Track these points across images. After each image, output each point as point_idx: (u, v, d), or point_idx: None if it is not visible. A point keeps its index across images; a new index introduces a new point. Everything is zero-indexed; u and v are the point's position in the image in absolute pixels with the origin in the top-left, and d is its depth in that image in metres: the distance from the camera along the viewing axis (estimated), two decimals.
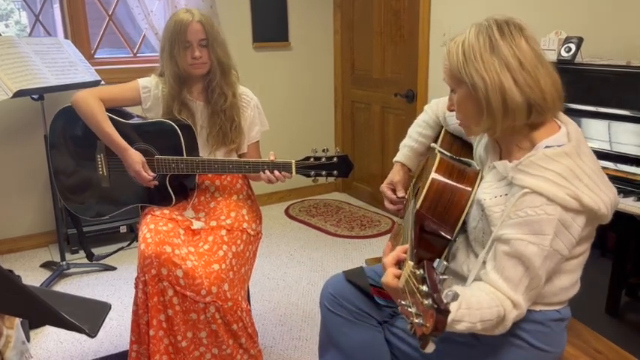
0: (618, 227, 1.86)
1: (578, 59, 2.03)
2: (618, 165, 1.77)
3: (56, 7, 3.44)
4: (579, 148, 1.11)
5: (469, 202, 1.23)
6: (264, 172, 1.78)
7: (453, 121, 1.49)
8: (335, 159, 1.75)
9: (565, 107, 1.98)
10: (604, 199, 1.08)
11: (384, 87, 3.66)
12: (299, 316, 2.47)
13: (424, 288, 0.85)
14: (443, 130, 1.54)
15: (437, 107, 1.57)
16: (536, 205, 1.04)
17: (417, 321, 0.85)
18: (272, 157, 1.77)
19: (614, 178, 1.75)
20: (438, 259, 0.91)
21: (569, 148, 1.09)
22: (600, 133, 1.86)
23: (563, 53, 2.06)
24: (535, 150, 1.12)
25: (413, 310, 0.87)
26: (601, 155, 1.81)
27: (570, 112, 1.95)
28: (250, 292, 2.27)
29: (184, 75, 1.85)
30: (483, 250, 1.15)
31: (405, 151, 1.59)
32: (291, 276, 2.87)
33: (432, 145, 1.44)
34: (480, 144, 1.34)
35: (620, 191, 1.69)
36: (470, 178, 1.26)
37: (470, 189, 1.24)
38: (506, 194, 1.14)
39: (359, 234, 3.45)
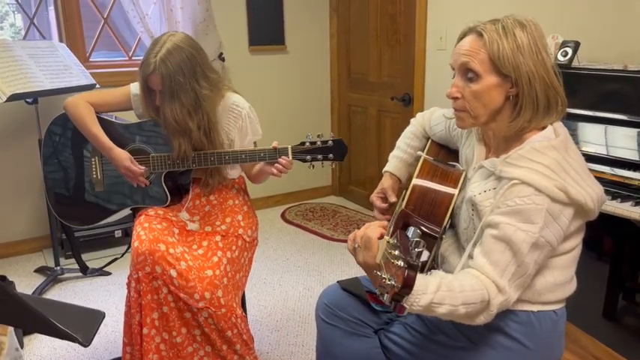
0: (615, 231, 1.86)
1: (574, 63, 2.04)
2: (615, 169, 1.77)
3: (51, 9, 3.43)
4: (567, 144, 1.14)
5: (453, 201, 1.24)
6: (262, 161, 1.77)
7: (438, 129, 1.51)
8: (330, 142, 1.74)
9: None
10: (590, 193, 1.10)
11: (381, 90, 3.66)
12: (295, 321, 2.46)
13: (396, 252, 0.89)
14: (429, 140, 1.56)
15: (423, 119, 1.59)
16: (525, 194, 1.06)
17: (389, 283, 0.88)
18: (275, 144, 1.76)
19: (611, 183, 1.75)
20: (412, 228, 0.93)
21: (557, 142, 1.12)
22: (597, 137, 1.86)
23: (560, 57, 2.06)
24: (523, 145, 1.15)
25: (387, 276, 0.90)
26: (598, 160, 1.82)
27: (567, 116, 1.96)
28: (246, 297, 2.25)
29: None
30: (470, 243, 1.16)
31: (395, 161, 1.61)
32: (288, 281, 2.86)
33: (419, 153, 1.45)
34: (466, 145, 1.35)
35: (617, 196, 1.70)
36: (453, 177, 1.28)
37: (453, 187, 1.26)
38: (494, 188, 1.16)
39: None
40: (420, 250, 0.88)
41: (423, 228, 1.21)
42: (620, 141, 1.80)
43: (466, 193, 1.23)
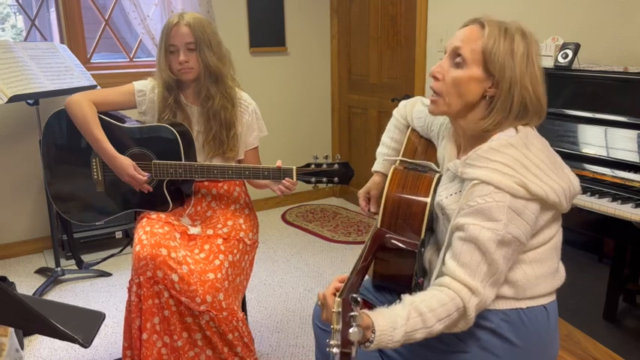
0: (616, 233, 1.86)
1: (575, 65, 2.04)
2: (615, 171, 1.76)
3: (52, 11, 3.43)
4: (527, 139, 1.14)
5: (427, 210, 1.24)
6: (266, 179, 1.78)
7: (419, 124, 1.51)
8: (336, 166, 1.74)
9: (562, 113, 1.99)
10: (554, 187, 1.10)
11: (381, 92, 3.66)
12: (296, 322, 2.46)
13: (338, 327, 0.91)
14: (409, 129, 1.56)
15: (404, 109, 1.59)
16: (485, 193, 1.08)
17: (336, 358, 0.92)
18: (279, 164, 1.76)
19: (612, 185, 1.75)
20: (352, 295, 0.95)
21: (515, 139, 1.13)
22: (597, 139, 1.86)
23: (560, 59, 2.06)
24: (483, 144, 1.16)
25: (335, 350, 0.92)
26: (598, 161, 1.82)
27: (567, 118, 1.96)
28: (247, 299, 2.25)
29: (175, 80, 1.83)
30: (444, 245, 1.16)
31: (381, 159, 1.62)
32: (288, 282, 2.86)
33: (394, 158, 1.46)
34: (441, 146, 1.36)
35: (617, 198, 1.69)
36: (425, 184, 1.28)
37: (425, 195, 1.25)
38: (460, 191, 1.17)
39: (356, 239, 3.44)
40: (356, 330, 0.90)
41: (400, 245, 1.21)
42: (620, 143, 1.80)
43: (436, 197, 1.25)
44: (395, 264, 1.22)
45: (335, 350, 0.91)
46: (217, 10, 3.42)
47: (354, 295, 0.95)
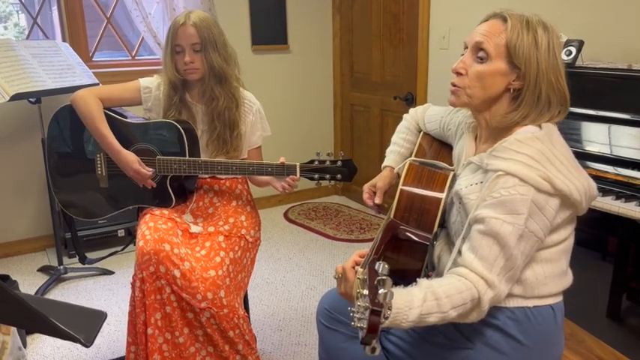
0: (619, 231, 1.85)
1: (578, 62, 2.03)
2: (618, 169, 1.76)
3: (54, 9, 3.44)
4: (551, 136, 1.14)
5: (441, 205, 1.24)
6: (269, 175, 1.78)
7: (432, 127, 1.51)
8: (339, 163, 1.75)
9: None
10: (576, 184, 1.10)
11: (384, 90, 3.65)
12: (298, 321, 2.46)
13: (364, 292, 0.89)
14: (420, 134, 1.57)
15: (416, 114, 1.60)
16: (509, 185, 1.07)
17: (359, 325, 0.89)
18: (282, 160, 1.76)
19: (615, 182, 1.74)
20: (380, 263, 0.93)
21: (541, 134, 1.13)
22: (600, 136, 1.86)
23: (564, 56, 2.05)
24: (508, 137, 1.16)
25: (357, 315, 0.90)
26: (601, 159, 1.81)
27: (570, 115, 1.95)
28: (249, 297, 2.25)
29: (180, 79, 1.84)
30: (459, 237, 1.16)
31: (393, 156, 1.61)
32: (291, 280, 2.86)
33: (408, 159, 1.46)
34: (459, 145, 1.36)
35: (621, 196, 1.69)
36: (440, 180, 1.28)
37: (440, 191, 1.25)
38: (481, 182, 1.16)
39: (358, 237, 3.44)
40: (385, 291, 0.87)
41: (414, 237, 1.21)
42: (623, 140, 1.79)
43: (454, 186, 1.24)
44: (406, 256, 1.22)
45: (360, 316, 0.88)
46: (219, 8, 3.42)
47: (381, 262, 0.93)
